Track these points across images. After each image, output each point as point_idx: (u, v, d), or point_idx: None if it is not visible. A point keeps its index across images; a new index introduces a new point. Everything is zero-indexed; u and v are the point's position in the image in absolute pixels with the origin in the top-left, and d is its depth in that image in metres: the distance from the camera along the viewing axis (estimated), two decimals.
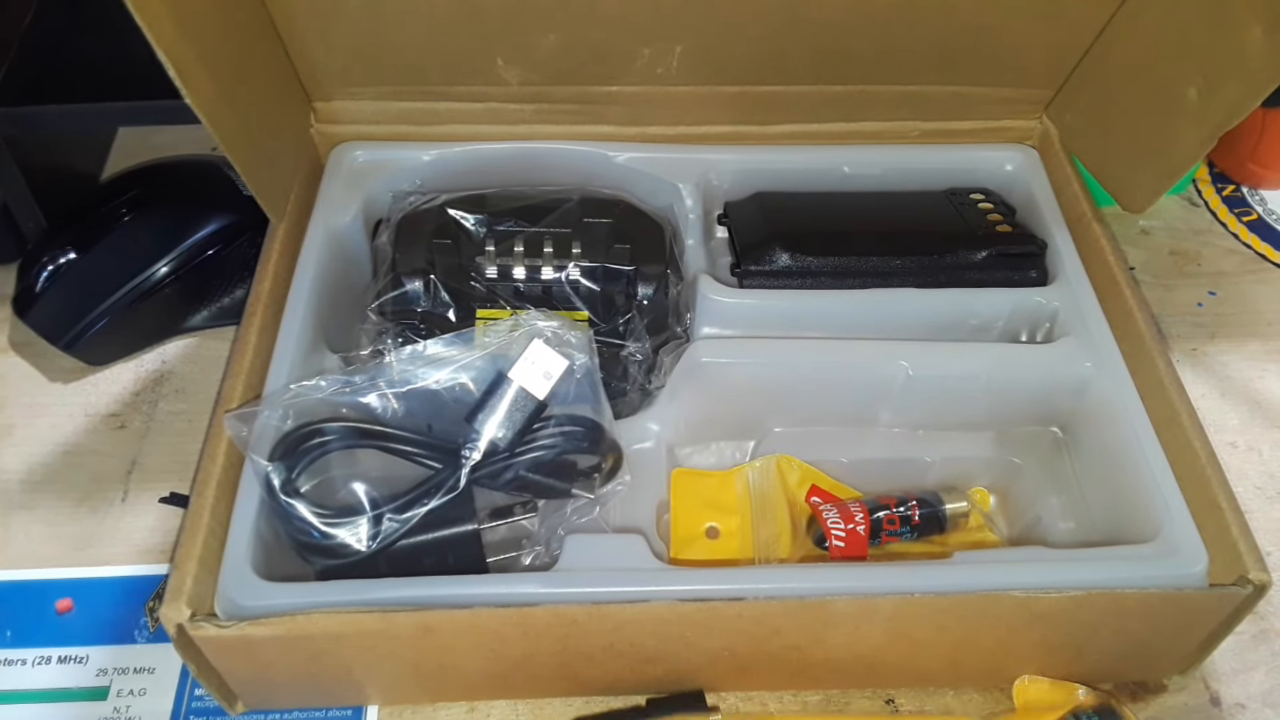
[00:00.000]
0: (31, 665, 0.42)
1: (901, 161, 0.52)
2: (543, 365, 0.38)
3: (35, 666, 0.42)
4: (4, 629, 0.43)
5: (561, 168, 0.51)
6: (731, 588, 0.36)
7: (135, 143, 0.61)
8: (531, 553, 0.40)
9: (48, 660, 0.43)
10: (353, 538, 0.37)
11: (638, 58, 0.48)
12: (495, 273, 0.45)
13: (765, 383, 0.44)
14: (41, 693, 0.42)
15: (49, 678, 0.42)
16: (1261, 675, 0.43)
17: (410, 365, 0.40)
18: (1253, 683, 0.43)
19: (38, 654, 0.43)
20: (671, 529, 0.43)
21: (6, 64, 0.52)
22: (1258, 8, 0.40)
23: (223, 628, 0.34)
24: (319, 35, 0.46)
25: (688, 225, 0.49)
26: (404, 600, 0.35)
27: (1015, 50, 0.49)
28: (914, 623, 0.37)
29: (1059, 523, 0.44)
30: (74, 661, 0.43)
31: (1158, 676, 0.42)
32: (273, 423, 0.38)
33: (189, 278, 0.51)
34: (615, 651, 0.38)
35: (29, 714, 0.41)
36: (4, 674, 0.42)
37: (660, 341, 0.45)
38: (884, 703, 0.42)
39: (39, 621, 0.44)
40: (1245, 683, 0.43)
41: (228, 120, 0.40)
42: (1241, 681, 0.43)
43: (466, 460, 0.38)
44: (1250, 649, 0.44)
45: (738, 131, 0.52)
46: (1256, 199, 0.62)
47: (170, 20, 0.35)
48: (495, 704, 0.41)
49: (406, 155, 0.50)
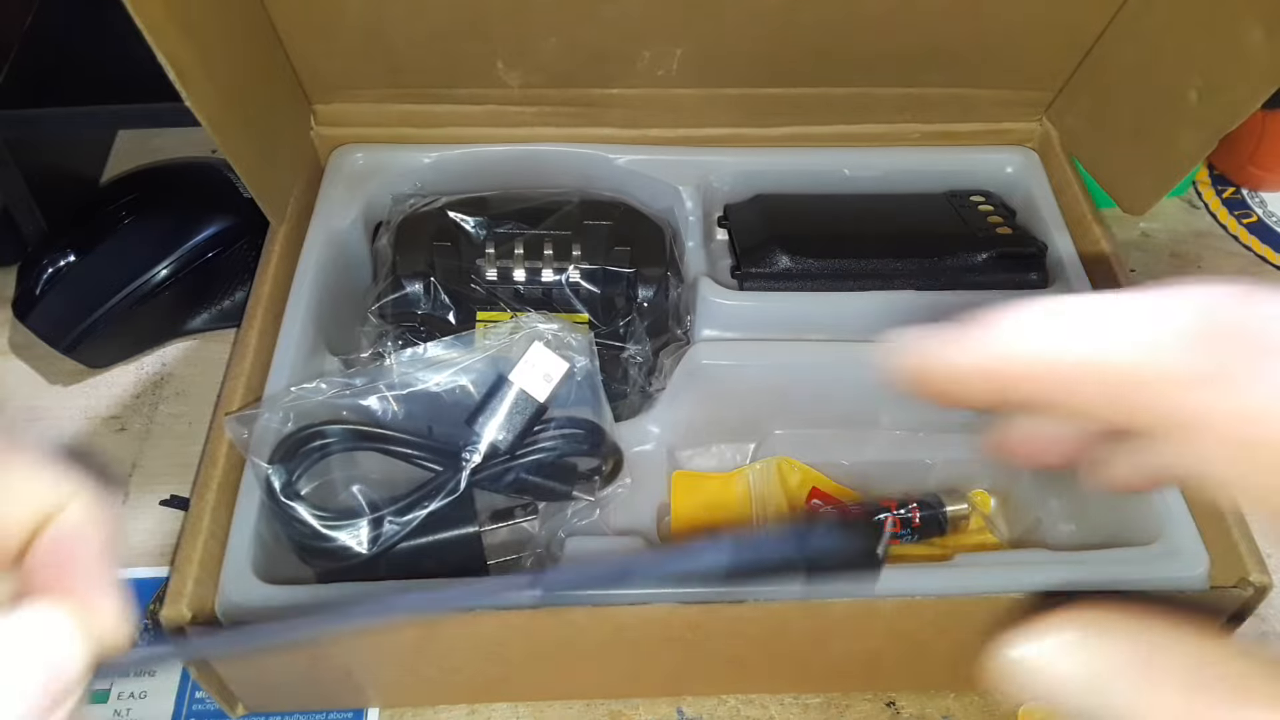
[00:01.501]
0: None
1: (902, 164, 0.52)
2: (543, 368, 0.38)
3: None
4: None
5: (562, 170, 0.51)
6: (732, 590, 0.36)
7: (135, 146, 0.61)
8: (532, 555, 0.40)
9: None
10: (353, 540, 0.37)
11: (638, 60, 0.48)
12: (495, 275, 0.45)
13: (765, 385, 0.44)
14: None
15: None
16: None
17: (410, 368, 0.40)
18: None
19: None
20: (672, 531, 0.43)
21: (7, 67, 0.52)
22: (1258, 9, 0.40)
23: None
24: (319, 38, 0.46)
25: (688, 227, 0.49)
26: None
27: (1016, 52, 0.49)
28: (915, 625, 0.37)
29: (1060, 525, 0.44)
30: None
31: None
32: (273, 425, 0.38)
33: (189, 280, 0.51)
34: (616, 654, 0.38)
35: None
36: None
37: (660, 344, 0.45)
38: (885, 705, 0.42)
39: None
40: None
41: (228, 123, 0.40)
42: None
43: (467, 463, 0.38)
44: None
45: (738, 134, 0.52)
46: (1256, 201, 0.62)
47: (171, 23, 0.35)
48: (496, 706, 0.41)
49: (407, 157, 0.50)
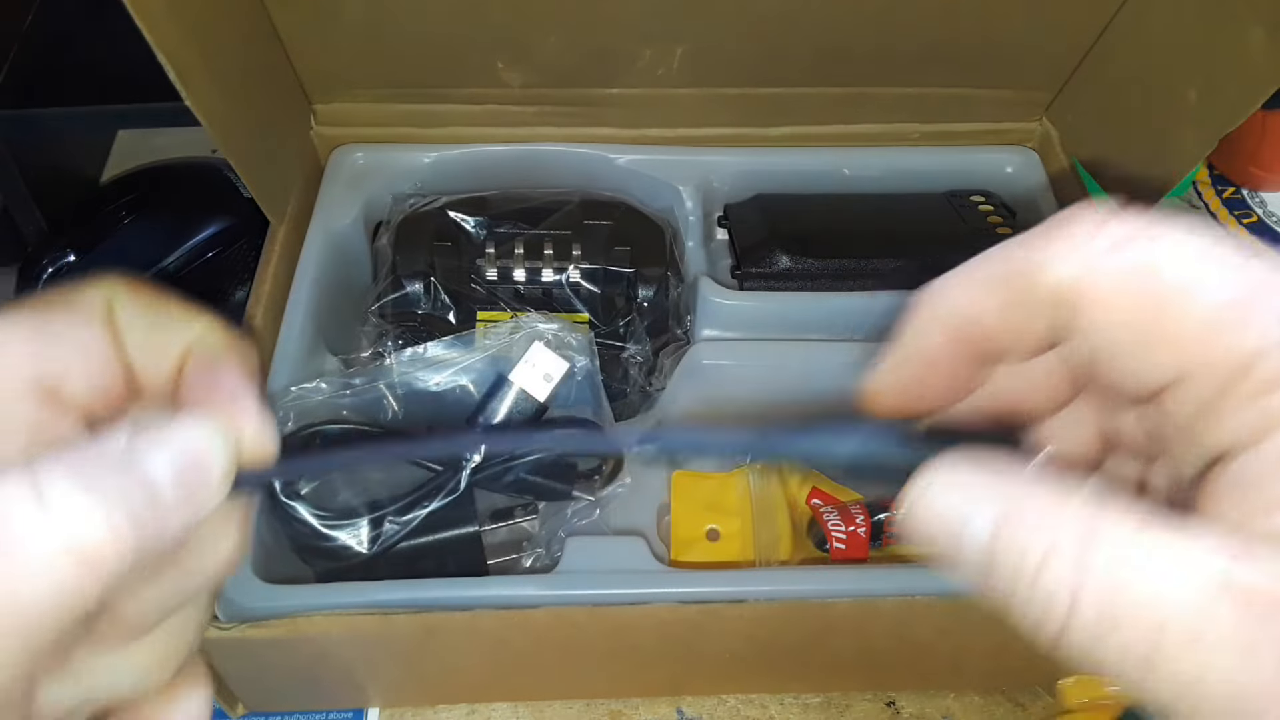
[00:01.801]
0: None
1: (902, 163, 0.52)
2: (543, 367, 0.38)
3: None
4: None
5: (562, 170, 0.51)
6: (732, 590, 0.36)
7: (135, 145, 0.61)
8: (532, 555, 0.40)
9: None
10: (353, 540, 0.37)
11: (638, 60, 0.48)
12: (495, 275, 0.45)
13: (766, 385, 0.44)
14: None
15: None
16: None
17: (411, 368, 0.40)
18: None
19: None
20: (672, 531, 0.43)
21: (6, 66, 0.52)
22: (1259, 9, 0.40)
23: (223, 629, 0.34)
24: (319, 37, 0.46)
25: (688, 227, 0.49)
26: (404, 602, 0.35)
27: (1016, 52, 0.49)
28: (915, 625, 0.37)
29: None
30: None
31: None
32: None
33: (189, 280, 0.51)
34: (616, 653, 0.38)
35: None
36: None
37: (660, 343, 0.45)
38: (885, 705, 0.42)
39: None
40: None
41: (228, 122, 0.40)
42: None
43: (467, 462, 0.38)
44: None
45: (738, 134, 0.52)
46: (1256, 201, 0.62)
47: (171, 23, 0.35)
48: (496, 706, 0.41)
49: (407, 157, 0.50)
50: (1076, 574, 0.16)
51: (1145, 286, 0.17)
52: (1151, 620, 0.15)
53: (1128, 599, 0.15)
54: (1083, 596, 0.16)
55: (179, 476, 0.18)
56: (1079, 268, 0.17)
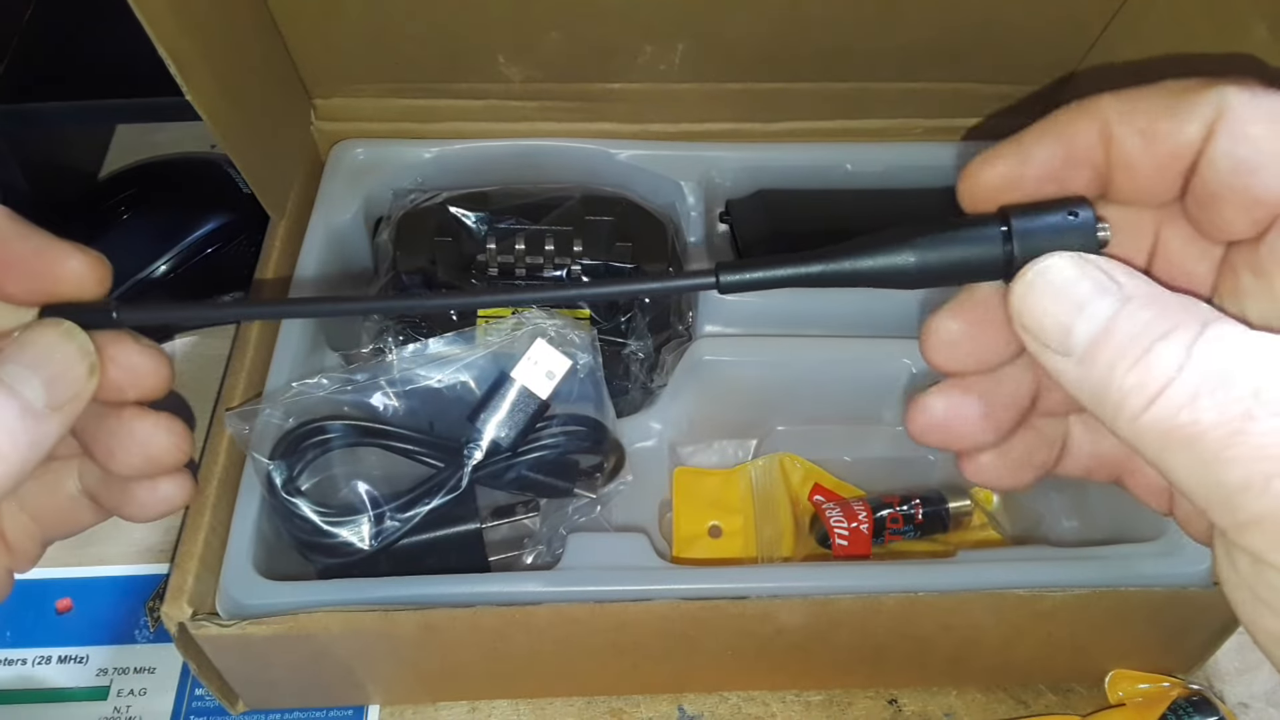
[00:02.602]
0: (31, 665, 0.42)
1: (904, 159, 0.52)
2: (545, 364, 0.38)
3: (35, 666, 0.42)
4: (4, 629, 0.43)
5: (563, 165, 0.50)
6: (734, 586, 0.36)
7: (134, 140, 0.61)
8: (533, 552, 0.40)
9: (48, 660, 0.42)
10: (354, 536, 0.37)
11: (640, 55, 0.48)
12: (497, 270, 0.45)
13: (768, 381, 0.44)
14: (41, 692, 0.42)
15: (49, 677, 0.42)
16: (1265, 675, 0.43)
17: (412, 364, 0.39)
18: (1256, 682, 0.43)
19: (38, 654, 0.43)
20: (674, 528, 0.43)
21: (5, 60, 0.52)
22: (1262, 6, 0.40)
23: (224, 627, 0.34)
24: (320, 32, 0.46)
25: (689, 223, 0.49)
26: (406, 599, 0.35)
27: (1018, 47, 0.49)
28: (917, 622, 0.37)
29: (1062, 521, 0.44)
30: (74, 661, 0.42)
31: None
32: (274, 421, 0.38)
33: (189, 276, 0.51)
34: (618, 651, 0.38)
35: (29, 714, 0.41)
36: (4, 674, 0.42)
37: (662, 340, 0.45)
38: (887, 702, 0.42)
39: (39, 621, 0.43)
40: (1249, 682, 0.43)
41: (228, 117, 0.40)
42: (1245, 681, 0.43)
43: (469, 459, 0.38)
44: (1253, 648, 0.43)
45: (740, 129, 0.51)
46: None
47: (171, 16, 0.35)
48: (497, 703, 0.41)
49: (407, 152, 0.50)
50: (1186, 355, 0.18)
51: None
52: (1246, 387, 0.18)
53: (1228, 378, 0.18)
54: (1184, 374, 0.18)
55: (49, 391, 0.22)
56: (1236, 89, 0.20)
